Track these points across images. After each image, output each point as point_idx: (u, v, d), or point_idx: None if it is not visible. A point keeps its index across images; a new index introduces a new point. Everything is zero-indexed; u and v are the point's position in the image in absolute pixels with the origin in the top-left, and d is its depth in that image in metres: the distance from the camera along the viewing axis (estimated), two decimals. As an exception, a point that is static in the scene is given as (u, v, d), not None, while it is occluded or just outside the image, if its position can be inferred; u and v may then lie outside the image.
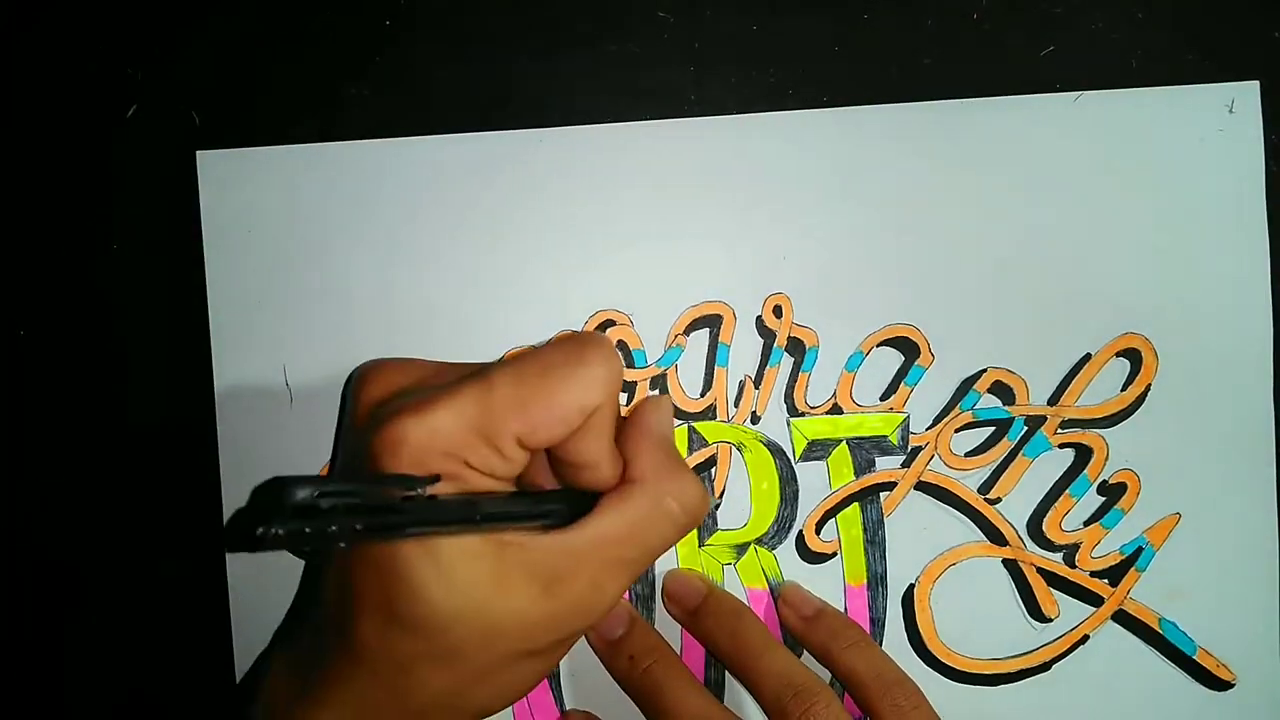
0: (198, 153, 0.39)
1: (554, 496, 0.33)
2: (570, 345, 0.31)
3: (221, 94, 0.40)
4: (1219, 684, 0.38)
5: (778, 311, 0.39)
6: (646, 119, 0.39)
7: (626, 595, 0.39)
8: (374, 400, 0.32)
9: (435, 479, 0.29)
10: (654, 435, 0.33)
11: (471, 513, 0.29)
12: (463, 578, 0.29)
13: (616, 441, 0.32)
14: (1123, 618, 0.38)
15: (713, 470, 0.39)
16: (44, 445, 0.40)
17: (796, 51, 0.39)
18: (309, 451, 0.39)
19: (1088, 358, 0.38)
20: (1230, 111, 0.38)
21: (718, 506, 0.39)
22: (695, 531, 0.39)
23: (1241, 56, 0.38)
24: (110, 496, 0.40)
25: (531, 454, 0.31)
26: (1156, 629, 0.38)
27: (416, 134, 0.39)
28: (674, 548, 0.39)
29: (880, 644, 0.39)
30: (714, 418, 0.39)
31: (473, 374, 0.31)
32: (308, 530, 0.24)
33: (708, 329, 0.39)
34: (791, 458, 0.39)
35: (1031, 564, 0.38)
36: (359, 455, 0.30)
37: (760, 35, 0.39)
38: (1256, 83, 0.38)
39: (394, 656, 0.30)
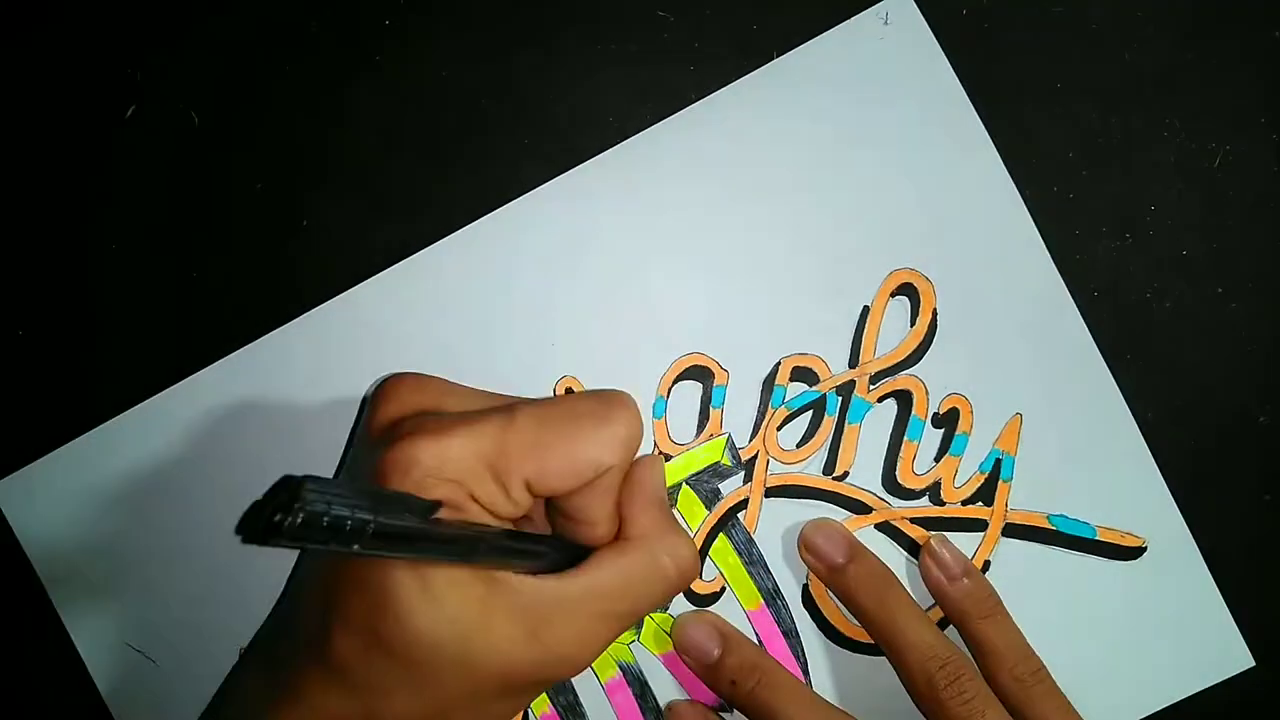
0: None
1: (548, 541, 0.32)
2: (598, 399, 0.31)
3: (221, 94, 0.40)
4: (1132, 552, 0.38)
5: (571, 393, 0.39)
6: (648, 120, 0.39)
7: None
8: (391, 416, 0.32)
9: (438, 505, 0.28)
10: (650, 493, 0.34)
11: (474, 544, 0.28)
12: (451, 608, 0.29)
13: None
14: (1013, 530, 0.38)
15: (580, 561, 0.40)
16: (43, 445, 0.40)
17: None
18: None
19: (866, 310, 0.38)
20: (885, 23, 0.38)
21: None
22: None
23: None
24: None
25: (534, 500, 0.31)
26: (1049, 527, 0.38)
27: (420, 134, 0.39)
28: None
29: (804, 657, 0.39)
30: (559, 514, 0.39)
31: (496, 406, 0.31)
32: (325, 522, 0.23)
33: (516, 437, 0.39)
34: (645, 518, 0.39)
35: (903, 518, 0.38)
36: (366, 469, 0.30)
37: (760, 35, 0.39)
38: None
39: (369, 676, 0.30)
